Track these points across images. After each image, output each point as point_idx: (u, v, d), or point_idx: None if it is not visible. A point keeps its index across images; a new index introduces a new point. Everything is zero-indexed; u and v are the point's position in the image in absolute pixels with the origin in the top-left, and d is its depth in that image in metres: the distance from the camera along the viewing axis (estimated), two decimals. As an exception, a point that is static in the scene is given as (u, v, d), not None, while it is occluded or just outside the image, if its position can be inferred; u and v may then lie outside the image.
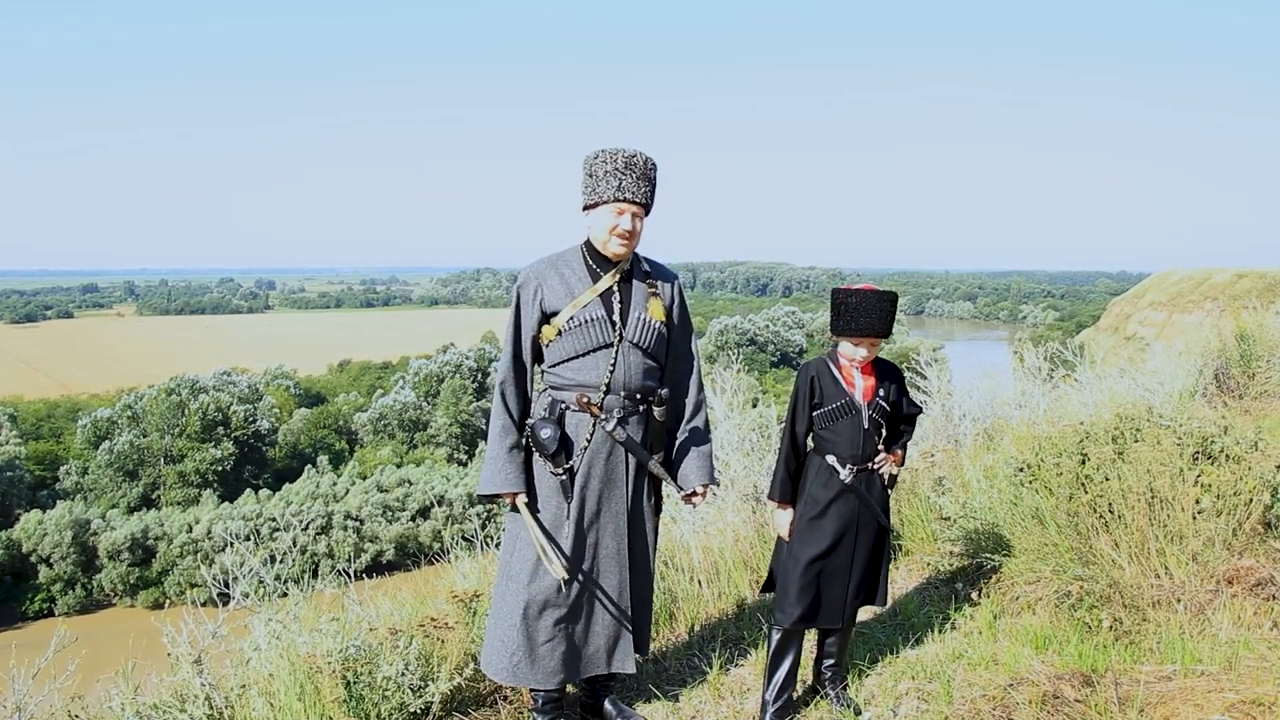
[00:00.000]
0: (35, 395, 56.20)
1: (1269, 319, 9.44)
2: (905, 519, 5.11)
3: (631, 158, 2.87)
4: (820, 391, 3.15)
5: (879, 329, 3.04)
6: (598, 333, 2.92)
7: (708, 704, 3.33)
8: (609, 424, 2.90)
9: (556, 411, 2.95)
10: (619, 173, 2.86)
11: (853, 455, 3.13)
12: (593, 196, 2.91)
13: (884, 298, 3.04)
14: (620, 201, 2.88)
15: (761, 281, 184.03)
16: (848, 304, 3.04)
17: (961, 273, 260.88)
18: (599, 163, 2.88)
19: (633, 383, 2.96)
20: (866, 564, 3.20)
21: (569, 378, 2.95)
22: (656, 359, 3.04)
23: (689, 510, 5.24)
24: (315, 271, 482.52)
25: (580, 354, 2.93)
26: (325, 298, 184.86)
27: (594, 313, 2.93)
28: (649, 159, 2.92)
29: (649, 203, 2.94)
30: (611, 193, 2.87)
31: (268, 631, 3.20)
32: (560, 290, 2.96)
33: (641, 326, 2.97)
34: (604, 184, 2.87)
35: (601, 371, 2.93)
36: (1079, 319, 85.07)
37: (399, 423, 48.69)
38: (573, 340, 2.93)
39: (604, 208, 2.90)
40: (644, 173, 2.90)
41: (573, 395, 2.93)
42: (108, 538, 34.93)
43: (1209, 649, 3.13)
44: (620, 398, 2.95)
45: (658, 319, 3.01)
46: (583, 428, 2.94)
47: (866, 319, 3.02)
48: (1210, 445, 3.74)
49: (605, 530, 3.00)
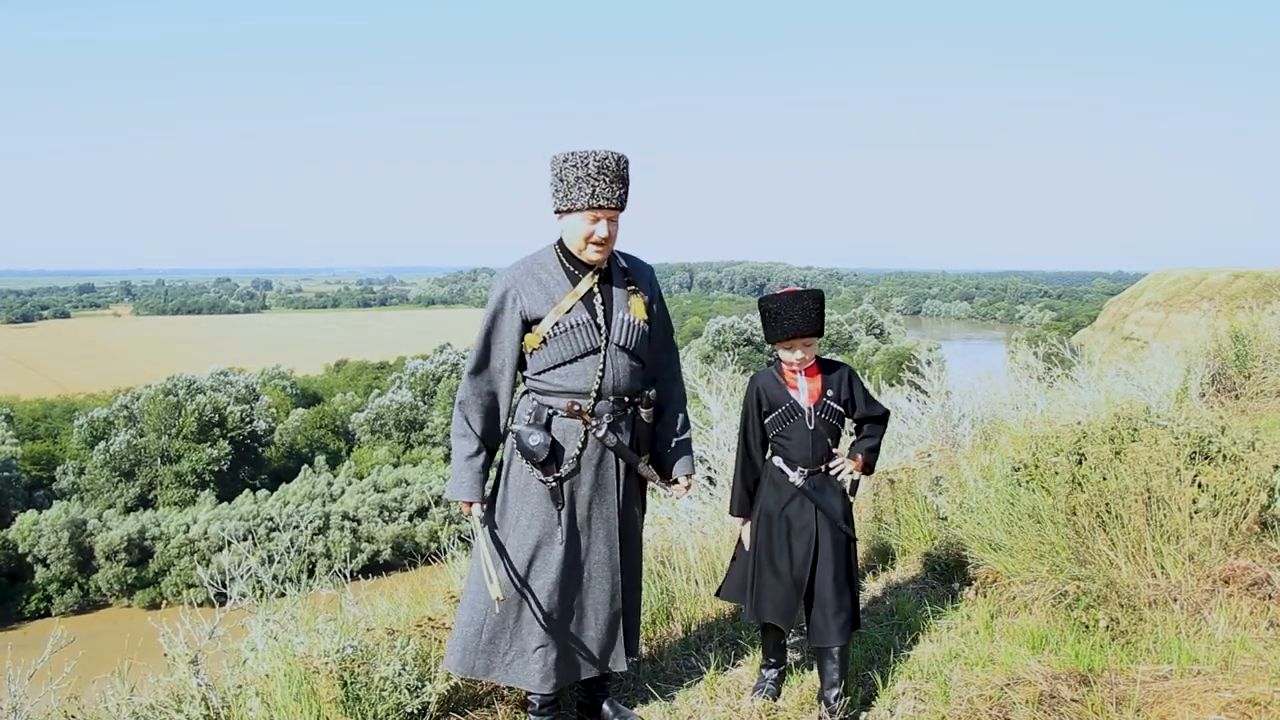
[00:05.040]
0: (31, 395, 56.05)
1: (1265, 319, 9.46)
2: (902, 519, 5.11)
3: (604, 161, 2.77)
4: (767, 399, 3.20)
5: (805, 329, 3.05)
6: (584, 338, 2.86)
7: (704, 704, 3.33)
8: (600, 430, 2.86)
9: (543, 417, 2.89)
10: (592, 179, 2.77)
11: (803, 458, 3.15)
12: (565, 203, 2.82)
13: (802, 297, 3.06)
14: (595, 209, 2.80)
15: (759, 281, 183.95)
16: (770, 310, 3.09)
17: (958, 273, 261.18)
18: (569, 168, 2.78)
19: (621, 386, 2.92)
20: (832, 578, 3.12)
21: (557, 385, 2.89)
22: (641, 358, 2.99)
23: (686, 510, 5.25)
24: (312, 271, 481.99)
25: (567, 360, 2.88)
26: (322, 298, 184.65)
27: (578, 318, 2.87)
28: (621, 158, 2.82)
29: (623, 204, 2.86)
30: (585, 200, 2.78)
31: (265, 632, 3.19)
32: (540, 297, 2.88)
33: (626, 328, 2.92)
34: (576, 191, 2.78)
35: (591, 377, 2.87)
36: (1075, 319, 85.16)
37: (396, 423, 48.66)
38: (559, 347, 2.87)
39: (578, 215, 2.82)
40: (617, 175, 2.81)
41: (562, 402, 2.88)
42: (104, 538, 34.87)
43: (1205, 649, 3.14)
44: (610, 403, 2.90)
45: (641, 318, 2.97)
46: (572, 434, 2.89)
47: (790, 321, 3.04)
48: (1207, 445, 3.75)
49: (597, 536, 2.97)
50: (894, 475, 5.33)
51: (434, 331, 77.90)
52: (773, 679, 3.34)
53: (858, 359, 65.19)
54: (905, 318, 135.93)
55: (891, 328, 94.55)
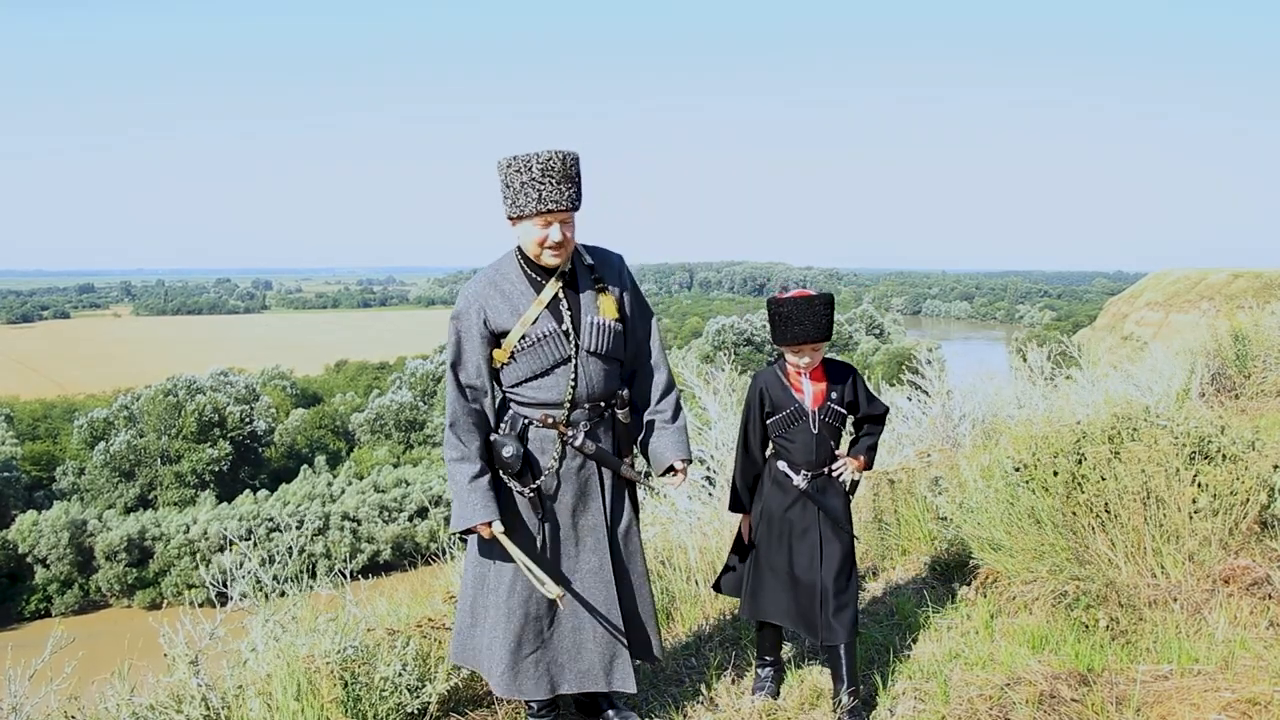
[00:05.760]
0: (31, 396, 56.11)
1: (1265, 319, 9.46)
2: (902, 519, 5.11)
3: (548, 162, 2.68)
4: (770, 400, 3.17)
5: (815, 335, 3.01)
6: (553, 349, 2.79)
7: (705, 704, 3.33)
8: (577, 439, 2.82)
9: (519, 426, 2.84)
10: (536, 183, 2.68)
11: (807, 461, 3.14)
12: (515, 209, 2.74)
13: (814, 303, 3.01)
14: (544, 214, 2.71)
15: (759, 281, 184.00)
16: (781, 313, 3.03)
17: (958, 273, 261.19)
18: (513, 173, 2.70)
19: (595, 391, 2.86)
20: (835, 576, 3.12)
21: (530, 397, 2.84)
22: (616, 359, 2.92)
23: (686, 510, 5.24)
24: (312, 272, 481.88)
25: (538, 374, 2.81)
26: (322, 298, 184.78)
27: (544, 328, 2.79)
28: (567, 156, 2.72)
29: (575, 204, 2.77)
30: (533, 205, 2.69)
31: (265, 632, 3.19)
32: (504, 309, 2.81)
33: (596, 332, 2.84)
34: (523, 196, 2.70)
35: (563, 388, 2.81)
36: (1076, 319, 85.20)
37: (396, 423, 48.69)
38: (528, 361, 2.80)
39: (528, 221, 2.74)
40: (564, 175, 2.71)
41: (536, 413, 2.83)
42: (104, 538, 34.90)
43: (1205, 648, 3.14)
44: (585, 410, 2.85)
45: (611, 318, 2.88)
46: (549, 443, 2.84)
47: (800, 326, 3.00)
48: (1207, 445, 3.75)
49: (584, 545, 2.91)
50: (894, 475, 5.33)
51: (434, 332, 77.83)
52: (770, 678, 3.34)
53: (858, 359, 65.17)
54: (905, 318, 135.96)
55: (891, 328, 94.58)
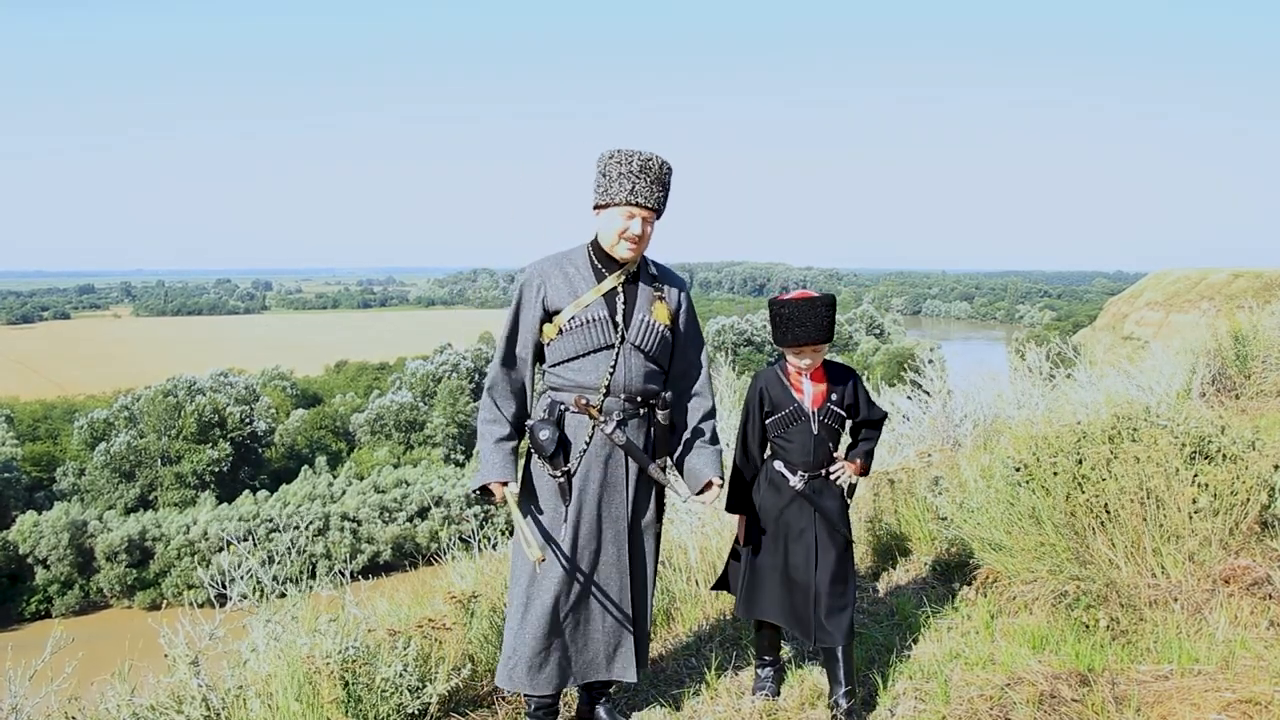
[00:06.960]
0: (31, 396, 56.09)
1: (1265, 319, 9.45)
2: (902, 519, 5.12)
3: (647, 161, 2.85)
4: (770, 400, 3.17)
5: (816, 336, 3.01)
6: (599, 333, 2.89)
7: (704, 705, 3.33)
8: (608, 427, 2.86)
9: (555, 413, 2.92)
10: (633, 176, 2.84)
11: (804, 462, 3.14)
12: (604, 197, 2.89)
13: (816, 304, 3.01)
14: (632, 205, 2.85)
15: (759, 282, 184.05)
16: (783, 315, 3.03)
17: (958, 273, 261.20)
18: (613, 163, 2.86)
19: (633, 385, 2.93)
20: (830, 579, 3.12)
21: (568, 378, 2.92)
22: (659, 363, 2.99)
23: (686, 510, 5.25)
24: (312, 272, 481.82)
25: (580, 354, 2.90)
26: (322, 298, 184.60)
27: (596, 313, 2.90)
28: (664, 163, 2.89)
29: (661, 208, 2.92)
30: (624, 196, 2.84)
31: (265, 633, 3.20)
32: (564, 289, 2.93)
33: (644, 329, 2.94)
34: (617, 186, 2.85)
35: (601, 373, 2.90)
36: (1076, 319, 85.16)
37: (396, 423, 48.70)
38: (573, 340, 2.90)
39: (615, 210, 2.88)
40: (658, 177, 2.87)
41: (571, 397, 2.90)
42: (105, 539, 34.91)
43: (1205, 648, 3.14)
44: (620, 400, 2.91)
45: (662, 322, 2.98)
46: (581, 430, 2.91)
47: (802, 328, 3.00)
48: (1207, 445, 3.75)
49: (605, 535, 2.96)
50: (894, 475, 5.33)
51: (434, 332, 77.92)
52: (770, 677, 3.34)
53: (858, 359, 65.20)
54: (905, 318, 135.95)
55: (891, 328, 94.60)
